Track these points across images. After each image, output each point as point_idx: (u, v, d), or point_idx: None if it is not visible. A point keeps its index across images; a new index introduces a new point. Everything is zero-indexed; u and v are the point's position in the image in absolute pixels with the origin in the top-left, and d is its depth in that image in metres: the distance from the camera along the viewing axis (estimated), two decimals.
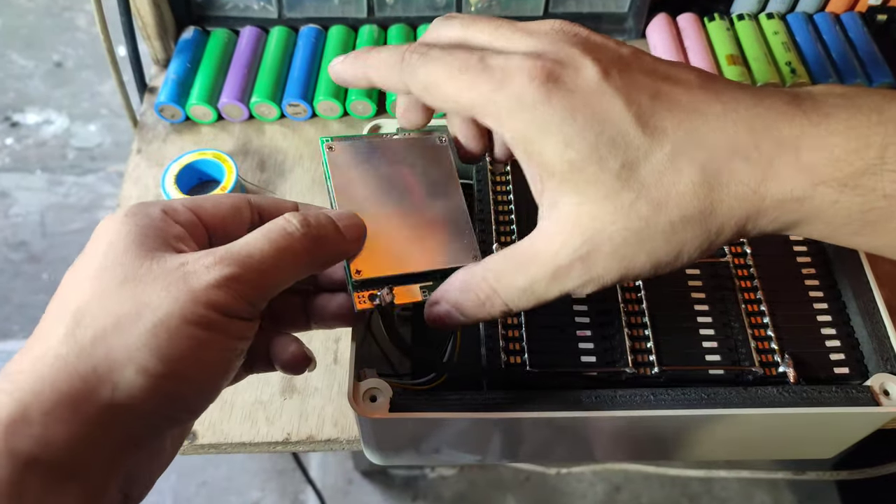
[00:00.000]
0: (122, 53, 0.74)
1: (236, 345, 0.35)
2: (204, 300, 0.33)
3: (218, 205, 0.39)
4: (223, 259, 0.34)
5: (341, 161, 0.43)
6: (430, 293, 0.42)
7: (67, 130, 1.88)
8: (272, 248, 0.36)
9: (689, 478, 1.37)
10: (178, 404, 0.33)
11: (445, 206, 0.43)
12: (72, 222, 1.74)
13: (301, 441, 0.55)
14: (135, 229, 0.35)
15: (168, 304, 0.32)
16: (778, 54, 0.76)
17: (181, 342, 0.32)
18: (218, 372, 0.34)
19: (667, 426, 0.46)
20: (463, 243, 0.42)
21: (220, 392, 0.36)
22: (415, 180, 0.44)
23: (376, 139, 0.45)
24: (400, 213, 0.42)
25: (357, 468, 1.44)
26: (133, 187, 0.69)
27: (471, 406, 0.44)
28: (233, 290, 0.34)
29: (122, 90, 0.73)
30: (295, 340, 0.40)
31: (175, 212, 0.37)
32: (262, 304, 0.36)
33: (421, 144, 0.45)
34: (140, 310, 0.32)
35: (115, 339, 0.32)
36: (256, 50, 0.77)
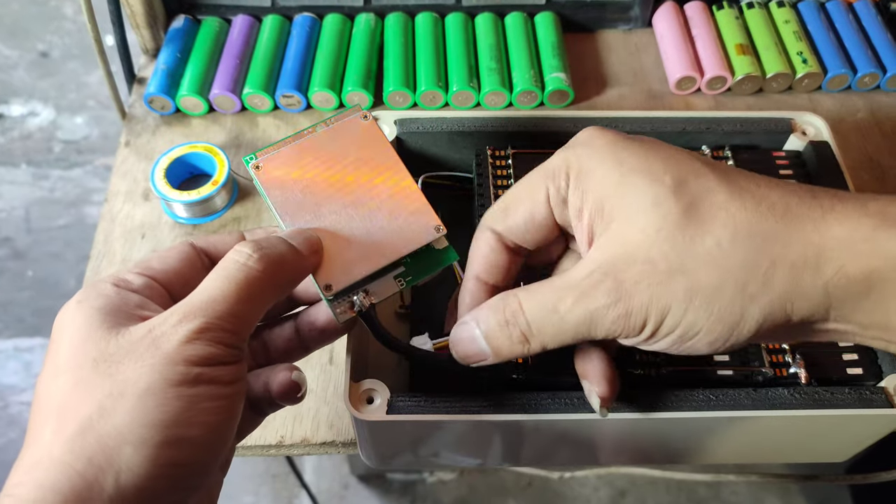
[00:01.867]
0: (110, 43, 0.74)
1: (229, 391, 0.35)
2: (181, 359, 0.33)
3: (165, 260, 0.40)
4: (187, 314, 0.34)
5: (273, 176, 0.43)
6: (404, 280, 0.42)
7: (53, 122, 1.88)
8: (232, 284, 0.36)
9: (696, 482, 1.37)
10: (188, 469, 0.33)
11: (392, 186, 0.43)
12: (58, 218, 1.74)
13: (295, 444, 0.55)
14: (92, 312, 0.35)
15: (146, 373, 0.33)
16: (789, 44, 0.76)
17: (172, 405, 0.32)
18: (220, 424, 0.34)
19: (673, 429, 0.46)
20: (421, 220, 0.42)
21: (229, 444, 0.36)
22: (353, 169, 0.44)
23: (300, 140, 0.45)
24: (350, 211, 0.42)
25: (353, 472, 1.44)
26: (121, 181, 0.69)
27: (471, 408, 0.44)
28: (206, 339, 0.34)
29: (110, 81, 0.73)
30: (286, 368, 0.41)
31: (126, 282, 0.38)
32: (242, 342, 0.36)
33: (346, 129, 0.45)
34: (121, 388, 0.32)
35: (103, 424, 0.32)
36: (249, 39, 0.77)
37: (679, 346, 0.36)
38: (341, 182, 0.43)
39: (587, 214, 0.38)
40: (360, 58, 0.75)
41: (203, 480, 0.35)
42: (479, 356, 0.39)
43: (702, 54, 0.76)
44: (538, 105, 0.74)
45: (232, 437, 0.36)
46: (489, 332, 0.38)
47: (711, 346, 0.35)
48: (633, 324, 0.35)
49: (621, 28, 0.82)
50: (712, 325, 0.35)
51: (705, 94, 0.76)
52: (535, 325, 0.37)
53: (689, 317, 0.34)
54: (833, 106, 0.75)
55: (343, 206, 0.42)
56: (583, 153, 0.38)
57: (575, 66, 0.78)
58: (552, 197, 0.39)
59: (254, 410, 0.41)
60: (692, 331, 0.35)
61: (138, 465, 0.31)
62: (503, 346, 0.38)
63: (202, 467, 0.34)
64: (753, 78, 0.74)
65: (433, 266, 0.43)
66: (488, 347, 0.39)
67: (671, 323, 0.35)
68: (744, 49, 0.75)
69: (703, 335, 0.35)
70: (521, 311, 0.37)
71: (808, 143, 0.56)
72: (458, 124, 0.56)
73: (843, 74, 0.74)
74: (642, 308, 0.35)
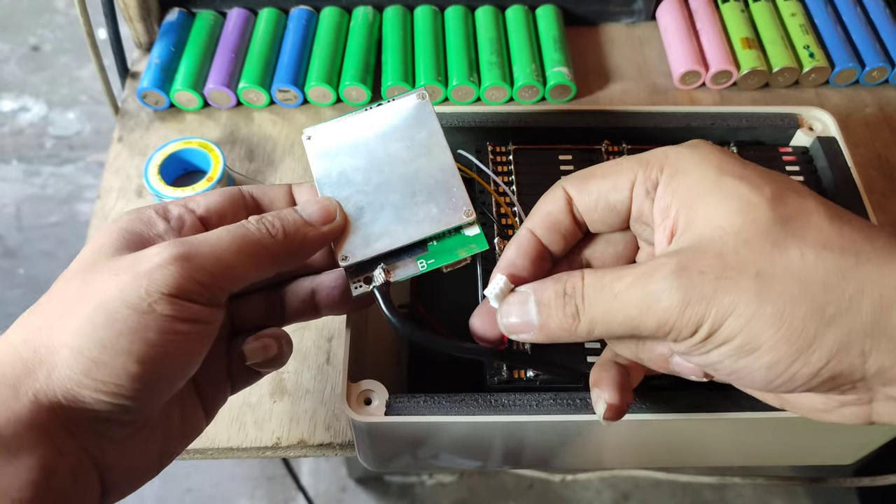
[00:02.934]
0: (103, 36, 0.74)
1: (186, 328, 0.35)
2: (147, 282, 0.34)
3: (209, 196, 0.42)
4: (174, 242, 0.36)
5: (321, 149, 0.45)
6: (426, 262, 0.42)
7: (45, 118, 1.88)
8: (228, 234, 0.38)
9: (701, 485, 1.37)
10: (120, 390, 0.34)
11: (431, 168, 0.43)
12: (49, 215, 1.74)
13: (291, 446, 0.55)
14: (115, 231, 0.38)
15: (110, 288, 0.34)
16: (795, 37, 0.76)
17: (118, 326, 0.33)
18: (163, 359, 0.35)
19: (678, 430, 0.46)
20: (452, 202, 0.42)
21: (173, 384, 0.36)
22: (397, 148, 0.44)
23: (357, 116, 0.45)
24: (385, 187, 0.43)
25: (351, 475, 1.44)
26: (114, 178, 0.69)
27: (471, 409, 0.44)
28: (181, 269, 0.35)
29: (103, 75, 0.73)
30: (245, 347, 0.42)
31: (165, 210, 0.40)
32: (219, 289, 0.37)
33: (400, 108, 0.46)
34: (85, 296, 0.35)
35: (57, 324, 0.34)
36: (244, 33, 0.77)
37: (733, 363, 0.34)
38: (383, 160, 0.44)
39: (673, 212, 0.36)
40: (358, 52, 0.75)
41: (139, 406, 0.35)
42: (524, 327, 0.38)
43: (707, 48, 0.76)
44: (540, 100, 0.74)
45: (181, 375, 0.37)
46: (544, 300, 0.37)
47: (770, 370, 0.33)
48: (688, 318, 0.33)
49: (624, 21, 0.82)
50: (778, 342, 0.32)
51: (710, 89, 0.76)
52: (588, 301, 0.36)
53: (754, 325, 0.32)
54: (841, 101, 0.75)
55: (380, 181, 0.43)
56: (684, 153, 0.37)
57: (577, 60, 0.78)
58: (638, 184, 0.38)
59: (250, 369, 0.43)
60: (753, 343, 0.32)
61: (69, 369, 0.33)
62: (553, 317, 0.37)
63: (137, 394, 0.34)
64: (759, 72, 0.74)
65: (459, 252, 0.42)
66: (537, 317, 0.37)
67: (732, 328, 0.33)
68: (749, 43, 0.75)
69: (764, 353, 0.32)
70: (581, 286, 0.36)
71: (815, 139, 0.56)
72: (457, 120, 0.56)
73: (850, 69, 0.74)
74: (702, 301, 0.33)
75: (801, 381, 0.33)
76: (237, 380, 0.43)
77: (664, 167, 0.37)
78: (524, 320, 0.38)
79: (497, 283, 0.39)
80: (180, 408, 0.40)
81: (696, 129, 0.56)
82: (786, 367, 0.33)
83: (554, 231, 0.41)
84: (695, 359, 0.35)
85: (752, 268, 0.33)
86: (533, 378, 0.46)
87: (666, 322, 0.33)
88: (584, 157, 0.55)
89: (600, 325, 0.36)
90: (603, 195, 0.39)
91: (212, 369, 0.42)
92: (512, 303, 0.38)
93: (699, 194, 0.35)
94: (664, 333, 0.34)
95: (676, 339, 0.34)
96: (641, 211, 0.39)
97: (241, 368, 0.42)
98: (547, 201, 0.41)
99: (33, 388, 0.33)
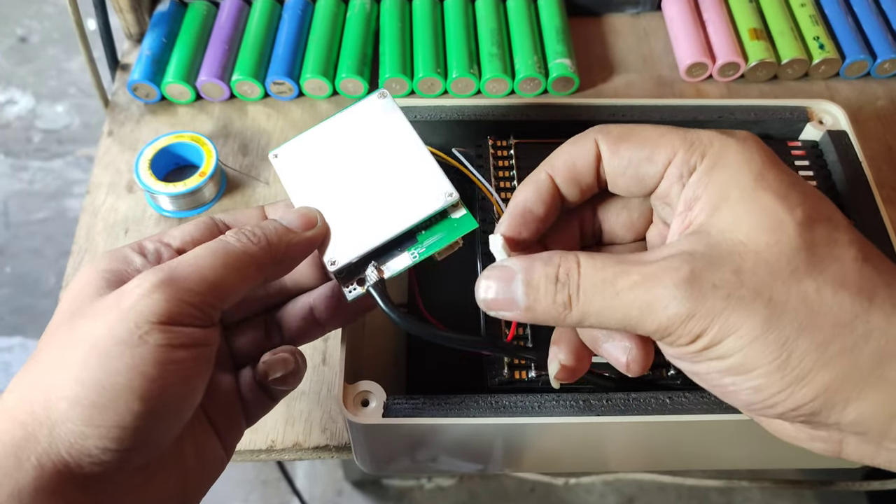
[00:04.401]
0: (93, 27, 0.74)
1: (184, 355, 0.34)
2: (134, 315, 0.33)
3: (183, 229, 0.41)
4: (152, 270, 0.35)
5: (291, 165, 0.45)
6: (418, 252, 0.42)
7: (32, 111, 1.88)
8: (207, 251, 0.37)
9: (707, 488, 1.37)
10: (125, 434, 0.33)
11: (405, 160, 0.44)
12: (37, 211, 1.74)
13: (287, 449, 0.55)
14: (94, 273, 0.37)
15: (98, 328, 0.34)
16: (805, 28, 0.76)
17: (114, 365, 0.33)
18: (165, 391, 0.34)
19: (684, 432, 0.46)
20: (432, 188, 0.42)
21: (180, 416, 0.35)
22: (367, 148, 0.44)
23: (321, 126, 0.46)
24: (362, 189, 0.43)
25: (347, 478, 1.44)
26: (104, 173, 0.69)
27: (471, 411, 0.44)
28: (165, 294, 0.34)
29: (92, 67, 0.72)
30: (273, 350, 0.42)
31: (141, 246, 0.40)
32: (210, 308, 0.36)
33: (363, 110, 0.46)
34: (75, 342, 0.34)
35: (50, 378, 0.33)
36: (238, 23, 0.77)
37: (720, 378, 0.34)
38: (356, 160, 0.44)
39: (698, 208, 0.36)
40: (355, 43, 0.75)
41: (148, 445, 0.35)
42: (507, 305, 0.37)
43: (713, 39, 0.76)
44: (542, 93, 0.74)
45: (187, 405, 0.36)
46: (533, 282, 0.36)
47: (755, 394, 0.33)
48: (690, 328, 0.33)
49: (629, 12, 0.82)
50: (772, 370, 0.32)
51: (717, 81, 0.76)
52: (584, 293, 0.35)
53: (753, 348, 0.32)
54: (851, 93, 0.75)
55: (356, 184, 0.43)
56: (731, 146, 0.36)
57: (580, 51, 0.77)
58: (674, 164, 0.37)
59: (265, 394, 0.42)
60: (748, 365, 0.33)
61: (71, 422, 0.32)
62: (541, 302, 0.36)
63: (144, 433, 0.34)
64: (768, 64, 0.74)
65: (449, 236, 0.42)
66: (524, 299, 0.36)
67: (731, 346, 0.33)
68: (758, 34, 0.75)
69: (755, 377, 0.33)
70: (576, 273, 0.35)
71: (825, 133, 0.56)
72: (457, 113, 0.56)
73: (861, 60, 0.74)
74: (708, 316, 0.32)
75: (780, 411, 0.33)
76: (251, 410, 0.43)
77: (706, 154, 0.36)
78: (507, 297, 0.36)
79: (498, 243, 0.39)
80: (194, 445, 0.39)
81: (703, 123, 0.56)
82: (771, 395, 0.33)
83: (573, 183, 0.41)
84: (683, 364, 0.35)
85: (766, 292, 0.33)
86: (535, 379, 0.46)
87: (667, 328, 0.33)
88: None
89: (594, 317, 0.35)
90: (634, 163, 0.39)
91: (223, 401, 0.41)
92: (494, 276, 0.37)
93: (730, 199, 0.35)
94: (661, 337, 0.34)
95: (672, 343, 0.34)
96: (668, 192, 0.38)
97: (254, 397, 0.42)
98: (574, 150, 0.40)
99: (36, 453, 0.32)
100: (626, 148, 0.39)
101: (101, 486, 0.33)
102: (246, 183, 0.68)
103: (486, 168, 0.53)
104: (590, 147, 0.40)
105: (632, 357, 0.37)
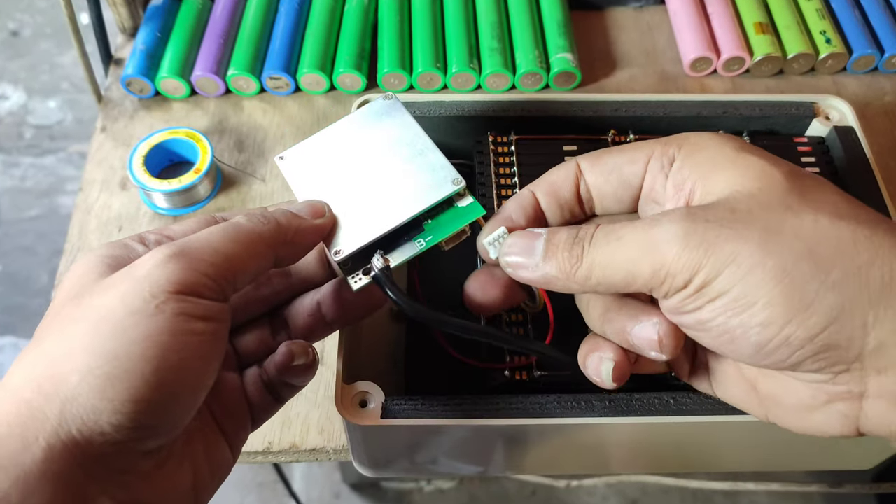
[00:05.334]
0: (86, 21, 0.74)
1: (200, 327, 0.34)
2: (148, 284, 0.33)
3: (184, 223, 0.41)
4: (165, 245, 0.35)
5: (297, 166, 0.45)
6: (424, 240, 0.42)
7: (24, 106, 1.88)
8: (219, 228, 0.37)
9: (712, 491, 1.37)
10: (140, 407, 0.32)
11: (412, 153, 0.44)
12: (29, 208, 1.74)
13: (283, 451, 0.55)
14: (95, 259, 0.36)
15: (109, 299, 0.33)
16: (811, 22, 0.76)
17: (127, 334, 0.32)
18: (182, 363, 0.33)
19: (688, 434, 0.46)
20: (438, 176, 0.43)
21: (195, 395, 0.35)
22: (373, 147, 0.45)
23: (327, 130, 0.46)
24: (368, 184, 0.43)
25: (345, 480, 1.44)
26: (97, 169, 0.69)
27: (472, 412, 0.44)
28: (182, 263, 0.34)
29: (85, 62, 0.73)
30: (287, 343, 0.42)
31: (142, 237, 0.39)
32: (224, 280, 0.36)
33: (369, 112, 0.46)
34: (83, 314, 0.33)
35: (57, 352, 0.32)
36: (234, 17, 0.77)
37: (726, 321, 0.34)
38: (362, 159, 0.44)
39: (689, 185, 0.37)
40: (353, 37, 0.75)
41: (163, 424, 0.33)
42: (525, 261, 0.39)
43: (718, 33, 0.76)
44: (543, 88, 0.74)
45: (202, 383, 0.35)
46: (554, 240, 0.38)
47: (764, 330, 0.33)
48: (684, 263, 0.33)
49: (632, 5, 0.82)
50: (775, 298, 0.32)
51: (722, 76, 0.76)
52: (595, 244, 0.37)
53: (752, 277, 0.32)
54: (859, 89, 0.75)
55: (362, 179, 0.44)
56: (704, 135, 0.39)
57: (582, 45, 0.78)
58: (654, 159, 0.39)
59: (272, 395, 0.42)
60: (750, 297, 0.33)
61: (83, 396, 0.31)
62: (557, 256, 0.38)
63: (159, 408, 0.32)
64: (773, 59, 0.74)
65: (456, 223, 0.43)
66: (542, 253, 0.38)
67: (729, 278, 0.33)
68: (763, 28, 0.75)
69: (759, 309, 0.33)
70: (593, 231, 0.37)
71: (831, 129, 0.56)
72: (457, 108, 0.56)
73: (869, 55, 0.74)
74: (702, 245, 0.33)
75: (795, 347, 0.33)
76: (257, 411, 0.42)
77: (683, 146, 0.38)
78: (528, 253, 0.39)
79: (498, 232, 0.40)
80: (203, 443, 0.38)
81: (708, 118, 0.56)
82: (780, 328, 0.33)
83: (553, 199, 0.42)
84: (686, 318, 0.35)
85: (761, 223, 0.33)
86: (536, 379, 0.46)
87: (662, 265, 0.34)
88: (589, 147, 0.54)
89: (598, 268, 0.36)
90: (617, 166, 0.41)
91: (230, 402, 0.41)
92: (520, 235, 0.40)
93: (717, 167, 0.37)
94: (659, 281, 0.35)
95: (669, 291, 0.35)
96: (653, 187, 0.39)
97: (260, 398, 0.42)
98: (556, 170, 0.42)
99: (44, 432, 0.30)
100: (606, 158, 0.41)
101: (110, 473, 0.32)
102: (242, 180, 0.68)
103: (486, 164, 0.54)
104: (570, 166, 0.42)
105: (663, 331, 0.37)
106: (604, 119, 0.56)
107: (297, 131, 0.71)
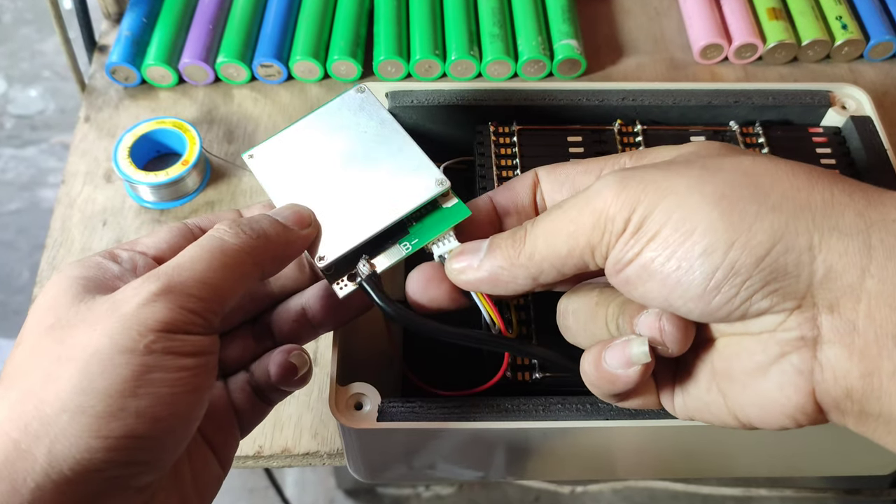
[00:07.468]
0: (68, 6, 0.74)
1: (190, 363, 0.34)
2: (136, 323, 0.33)
3: (155, 234, 0.41)
4: (150, 276, 0.35)
5: (269, 165, 0.45)
6: (410, 244, 0.42)
7: (4, 95, 1.88)
8: (204, 252, 0.37)
9: (723, 497, 1.38)
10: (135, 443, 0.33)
11: (390, 152, 0.44)
12: (9, 202, 1.74)
13: (275, 455, 0.55)
14: (67, 281, 0.37)
15: (96, 338, 0.33)
16: (826, 7, 0.76)
17: (118, 372, 0.32)
18: (175, 398, 0.34)
19: (699, 437, 0.46)
20: (421, 177, 0.43)
21: (191, 424, 0.36)
22: (349, 143, 0.45)
23: (297, 125, 0.46)
24: (346, 185, 0.43)
25: (339, 486, 1.44)
26: (80, 161, 0.69)
27: (472, 415, 0.44)
28: (168, 302, 0.34)
29: (68, 49, 0.73)
30: (283, 350, 0.42)
31: (113, 254, 0.39)
32: (212, 313, 0.36)
33: (341, 106, 0.46)
34: (69, 353, 0.33)
35: (43, 391, 0.32)
36: (223, 2, 0.77)
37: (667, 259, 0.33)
38: (338, 155, 0.44)
39: None
40: (348, 23, 0.75)
41: (157, 459, 0.35)
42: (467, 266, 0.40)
43: (730, 19, 0.76)
44: (546, 76, 0.74)
45: (195, 415, 0.36)
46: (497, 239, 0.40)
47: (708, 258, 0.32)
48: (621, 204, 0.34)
49: None
50: (714, 221, 0.33)
51: (733, 64, 0.76)
52: (536, 222, 0.38)
53: (689, 202, 0.33)
54: (876, 77, 0.75)
55: (340, 180, 0.43)
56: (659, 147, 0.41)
57: (588, 32, 0.78)
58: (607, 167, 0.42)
59: (262, 400, 0.43)
60: (688, 226, 0.33)
61: (75, 435, 0.31)
62: (501, 247, 0.39)
63: (154, 443, 0.34)
64: (787, 45, 0.74)
65: (441, 225, 0.43)
66: (485, 250, 0.40)
67: (665, 212, 0.33)
68: (776, 13, 0.75)
69: (699, 235, 0.33)
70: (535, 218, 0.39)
71: (848, 119, 0.56)
72: (456, 97, 0.56)
73: (887, 42, 0.74)
74: (639, 184, 0.35)
75: (743, 276, 0.32)
76: (245, 418, 0.43)
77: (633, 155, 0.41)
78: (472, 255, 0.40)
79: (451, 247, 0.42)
80: (190, 466, 0.39)
81: (718, 108, 0.56)
82: (724, 254, 0.32)
83: (511, 205, 0.44)
84: (629, 270, 0.35)
85: (698, 161, 0.35)
86: (539, 380, 0.46)
87: (601, 212, 0.35)
88: (594, 137, 0.55)
89: (542, 239, 0.38)
90: (570, 176, 0.42)
91: (216, 414, 0.41)
92: (465, 245, 0.41)
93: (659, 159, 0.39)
94: (599, 232, 0.35)
95: (609, 241, 0.35)
96: None
97: (249, 404, 0.42)
98: (515, 178, 0.45)
99: (33, 473, 0.31)
100: (562, 169, 0.43)
101: None
102: (231, 172, 0.68)
103: (486, 156, 0.54)
104: (528, 174, 0.44)
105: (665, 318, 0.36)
106: (610, 109, 0.56)
107: (290, 121, 0.71)
